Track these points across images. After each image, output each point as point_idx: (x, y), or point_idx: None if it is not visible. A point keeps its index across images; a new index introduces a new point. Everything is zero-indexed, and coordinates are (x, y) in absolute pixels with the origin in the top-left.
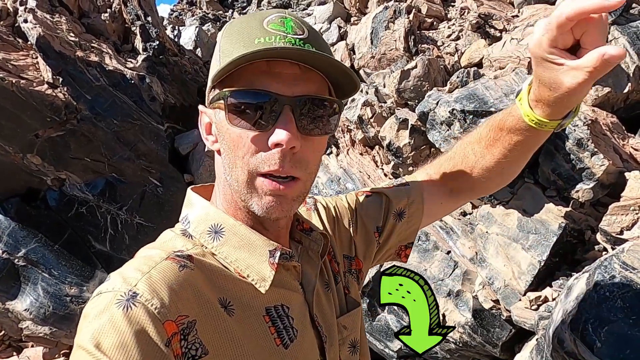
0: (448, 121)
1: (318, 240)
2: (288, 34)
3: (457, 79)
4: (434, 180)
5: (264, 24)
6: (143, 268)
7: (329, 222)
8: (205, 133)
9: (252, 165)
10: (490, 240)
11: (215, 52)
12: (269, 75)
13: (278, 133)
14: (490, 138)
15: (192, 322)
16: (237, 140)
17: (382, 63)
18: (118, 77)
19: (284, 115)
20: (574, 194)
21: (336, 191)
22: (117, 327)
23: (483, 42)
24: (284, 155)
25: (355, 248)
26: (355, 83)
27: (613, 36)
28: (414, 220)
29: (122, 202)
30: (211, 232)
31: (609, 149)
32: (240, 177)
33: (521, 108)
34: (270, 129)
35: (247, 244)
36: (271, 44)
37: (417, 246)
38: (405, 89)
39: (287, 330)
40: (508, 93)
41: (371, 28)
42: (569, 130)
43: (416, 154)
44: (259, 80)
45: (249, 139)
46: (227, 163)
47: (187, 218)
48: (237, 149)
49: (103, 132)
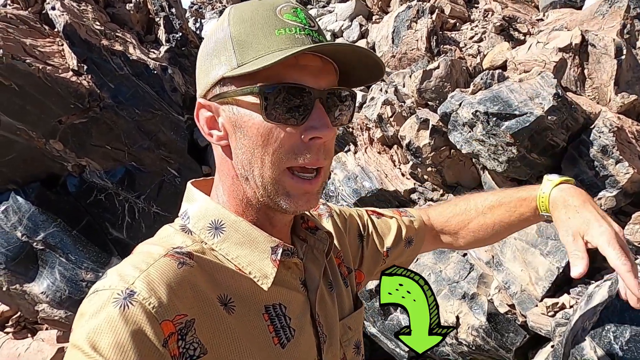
0: (471, 123)
1: (323, 239)
2: (305, 25)
3: (480, 80)
4: (430, 220)
5: (278, 13)
6: (141, 265)
7: (343, 229)
8: (207, 128)
9: (284, 161)
10: (507, 245)
11: (219, 38)
12: (297, 68)
13: (317, 126)
14: (498, 204)
15: (190, 322)
16: (267, 136)
17: (403, 63)
18: (141, 67)
19: (317, 108)
20: (596, 201)
21: (353, 189)
22: (114, 326)
23: (506, 45)
24: (318, 148)
25: (361, 261)
26: (380, 65)
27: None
28: (415, 250)
29: (141, 190)
30: (211, 228)
31: (634, 157)
32: (267, 173)
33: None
34: (303, 123)
35: (249, 240)
36: (293, 36)
37: None
38: (426, 89)
39: (285, 329)
40: (533, 97)
41: (393, 27)
42: (594, 137)
43: (436, 154)
44: (290, 74)
45: (282, 134)
46: (247, 159)
47: (187, 213)
48: (267, 145)
49: (124, 121)
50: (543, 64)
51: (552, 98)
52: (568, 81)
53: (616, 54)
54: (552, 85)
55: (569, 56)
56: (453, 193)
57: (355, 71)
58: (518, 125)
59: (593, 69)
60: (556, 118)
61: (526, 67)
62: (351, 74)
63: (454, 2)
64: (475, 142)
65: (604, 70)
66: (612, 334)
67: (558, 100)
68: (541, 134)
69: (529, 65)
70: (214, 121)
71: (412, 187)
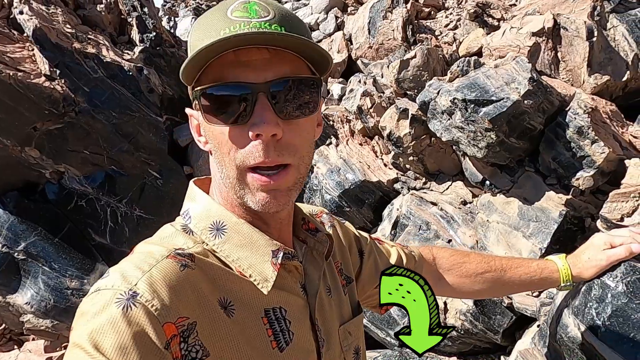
0: (449, 110)
1: (323, 241)
2: (252, 18)
3: (457, 68)
4: (435, 260)
5: (228, 14)
6: (143, 266)
7: (345, 241)
8: (197, 135)
9: (239, 161)
10: (491, 229)
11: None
12: (237, 64)
13: (256, 123)
14: (508, 267)
15: (192, 324)
16: (219, 138)
17: (380, 53)
18: (116, 69)
19: (259, 104)
20: (574, 181)
21: (336, 182)
22: (117, 327)
23: (481, 32)
24: (266, 145)
25: (357, 278)
26: (326, 57)
27: (612, 24)
28: None
29: (122, 194)
30: (213, 229)
31: (609, 137)
32: (230, 174)
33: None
34: (248, 121)
35: (250, 243)
36: (235, 32)
37: (418, 235)
38: (404, 79)
39: (284, 333)
40: (509, 82)
41: (368, 18)
42: (570, 119)
43: (416, 143)
44: (228, 71)
45: (230, 135)
46: (218, 162)
47: (189, 213)
48: (222, 146)
49: (102, 125)
50: (517, 49)
51: (528, 82)
52: (542, 65)
53: (588, 36)
54: (527, 69)
55: (542, 40)
56: (435, 181)
57: (318, 60)
58: (495, 111)
59: (566, 52)
60: (532, 102)
61: (501, 53)
62: (317, 60)
63: None
64: (454, 130)
65: (576, 52)
66: (594, 311)
67: (533, 84)
68: (518, 118)
69: (503, 51)
70: (200, 128)
71: (395, 176)
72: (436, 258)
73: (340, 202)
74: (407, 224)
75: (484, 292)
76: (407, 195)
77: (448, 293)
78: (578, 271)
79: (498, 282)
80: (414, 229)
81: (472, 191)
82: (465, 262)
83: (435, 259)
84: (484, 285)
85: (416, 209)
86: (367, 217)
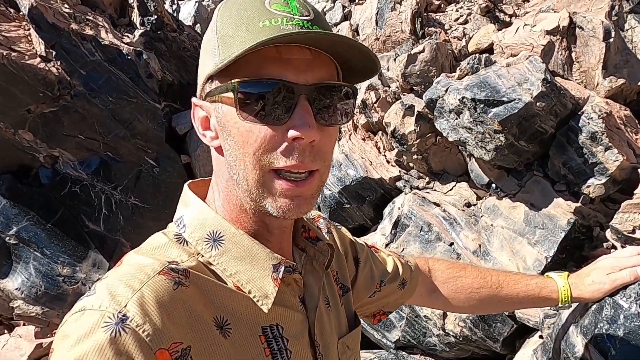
0: (457, 110)
1: (324, 251)
2: (295, 15)
3: (467, 65)
4: (431, 272)
5: (266, 4)
6: (134, 283)
7: (341, 247)
8: (201, 128)
9: (266, 162)
10: (494, 234)
11: (209, 36)
12: (279, 62)
13: (297, 126)
14: (506, 283)
15: (186, 349)
16: (247, 136)
17: (387, 45)
18: (114, 53)
19: (300, 106)
20: (584, 189)
21: (337, 177)
22: (104, 356)
23: (492, 27)
24: (303, 149)
25: (352, 285)
26: (375, 63)
27: (630, 25)
28: (407, 295)
29: (117, 181)
30: (209, 240)
31: (623, 144)
32: (250, 175)
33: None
34: (286, 122)
35: (249, 256)
36: (278, 27)
37: (419, 237)
38: (411, 74)
39: (282, 352)
40: (521, 82)
41: (376, 8)
42: (583, 123)
43: (421, 141)
44: (269, 68)
45: (262, 134)
46: (233, 161)
47: (183, 220)
48: (247, 145)
49: (98, 109)
50: (531, 48)
51: (541, 84)
52: (555, 65)
53: (604, 36)
54: (541, 70)
55: (556, 39)
56: (439, 181)
57: (355, 64)
58: (506, 112)
59: (581, 52)
60: (545, 104)
61: (513, 51)
62: (352, 68)
63: None
64: (462, 130)
65: (591, 53)
66: (605, 332)
67: (547, 85)
68: (529, 121)
69: (516, 49)
70: (208, 121)
71: (398, 174)
72: (432, 270)
73: (341, 199)
74: (408, 224)
75: (479, 308)
76: (409, 194)
77: (442, 306)
78: (579, 293)
79: (494, 298)
80: (415, 229)
81: (477, 193)
82: (461, 275)
83: (431, 271)
84: (479, 301)
85: (418, 209)
86: (368, 215)
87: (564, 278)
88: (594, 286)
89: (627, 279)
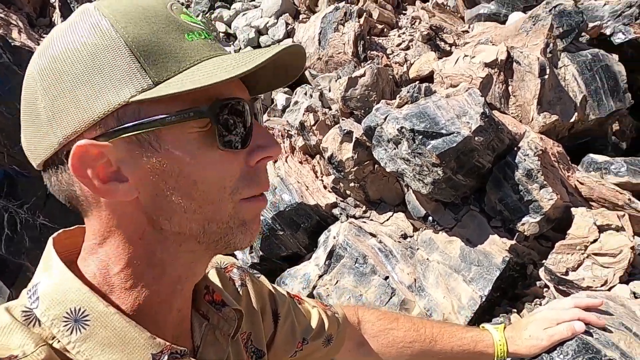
0: (396, 139)
1: (230, 318)
2: (204, 28)
3: (407, 93)
4: (360, 324)
5: (170, 10)
6: None
7: (258, 302)
8: (98, 181)
9: (237, 194)
10: (430, 268)
11: (89, 50)
12: None
13: (266, 144)
14: (438, 337)
15: None
16: (208, 170)
17: (329, 66)
18: (26, 55)
19: (255, 125)
20: (519, 226)
21: (271, 202)
22: None
23: (433, 55)
24: (265, 168)
25: (269, 346)
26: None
27: (563, 63)
28: (333, 352)
29: (24, 198)
30: (69, 320)
31: (557, 182)
32: (224, 213)
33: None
34: (248, 144)
35: (122, 341)
36: (206, 42)
37: (354, 269)
38: (351, 98)
39: None
40: (460, 115)
41: (320, 28)
42: (519, 159)
43: (359, 169)
44: (221, 87)
45: (231, 163)
46: (192, 206)
47: (37, 291)
48: (208, 181)
49: (3, 118)
50: (470, 79)
51: (480, 117)
52: (493, 97)
53: (540, 72)
54: (480, 103)
55: (494, 72)
56: (376, 210)
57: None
58: (445, 145)
59: (517, 87)
60: (483, 139)
61: (453, 81)
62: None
63: (382, 7)
64: (400, 161)
65: (527, 88)
66: None
67: (485, 120)
68: (468, 155)
69: (455, 80)
70: (110, 168)
71: (335, 201)
72: (362, 322)
73: (274, 225)
74: (343, 255)
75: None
76: (345, 222)
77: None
78: (515, 348)
79: (427, 353)
80: (349, 261)
81: (414, 224)
82: (393, 328)
83: (361, 323)
84: (411, 357)
85: (354, 239)
86: (302, 243)
87: (500, 331)
88: (531, 341)
89: (565, 334)
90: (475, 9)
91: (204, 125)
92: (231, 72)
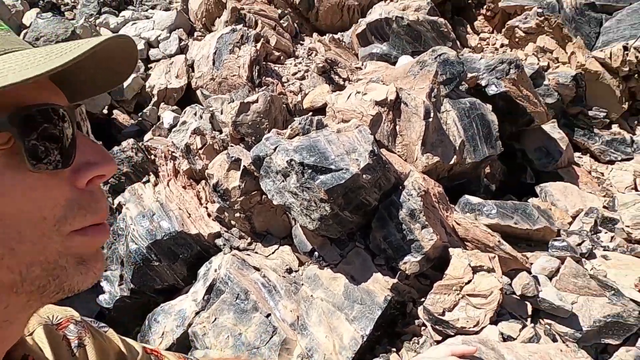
0: (284, 172)
1: None
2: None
3: (299, 125)
4: None
5: None
6: None
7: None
8: None
9: (67, 223)
10: (314, 306)
11: None
12: (35, 83)
13: (97, 161)
14: None
15: None
16: (21, 199)
17: (223, 87)
18: None
19: (80, 137)
20: (401, 265)
21: (147, 229)
22: None
23: (327, 87)
24: (100, 190)
25: None
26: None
27: (445, 108)
28: None
29: None
30: None
31: (437, 222)
32: (49, 252)
33: None
34: (72, 161)
35: None
36: (5, 34)
37: (235, 305)
38: (242, 123)
39: None
40: (350, 151)
41: (215, 48)
42: (403, 199)
43: (246, 199)
44: (30, 91)
45: (50, 188)
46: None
47: None
48: (28, 212)
49: None
50: (361, 116)
51: (368, 155)
52: (382, 135)
53: (425, 115)
54: (369, 141)
55: (384, 110)
56: (262, 242)
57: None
58: (333, 181)
59: (404, 127)
60: (371, 177)
61: (345, 116)
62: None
63: (280, 34)
64: (288, 194)
65: (413, 129)
66: None
67: (374, 158)
68: (355, 192)
69: (347, 115)
70: None
71: (218, 231)
72: None
73: (149, 254)
74: (223, 290)
75: None
76: (228, 255)
77: None
78: None
79: None
80: (230, 297)
81: (300, 258)
82: None
83: None
84: None
85: (236, 273)
86: (180, 275)
87: None
88: None
89: None
90: (368, 47)
91: (5, 141)
92: (40, 68)
